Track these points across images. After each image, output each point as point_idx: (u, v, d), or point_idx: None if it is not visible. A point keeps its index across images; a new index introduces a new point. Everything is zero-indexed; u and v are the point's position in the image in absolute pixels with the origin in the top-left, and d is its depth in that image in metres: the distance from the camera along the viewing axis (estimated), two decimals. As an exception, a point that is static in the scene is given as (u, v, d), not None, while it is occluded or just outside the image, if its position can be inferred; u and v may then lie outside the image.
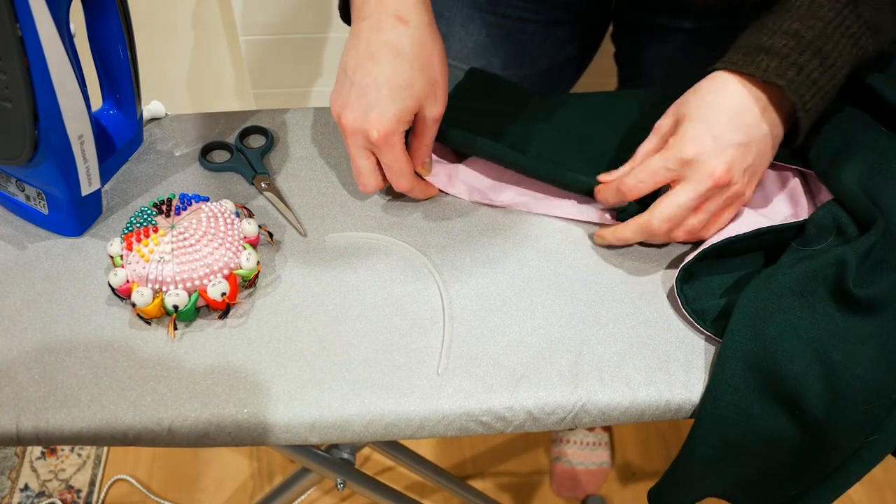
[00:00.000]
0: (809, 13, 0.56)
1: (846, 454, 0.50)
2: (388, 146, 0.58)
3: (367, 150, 0.60)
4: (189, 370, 0.54)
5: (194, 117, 0.75)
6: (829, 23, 0.55)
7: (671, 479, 0.57)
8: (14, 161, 0.56)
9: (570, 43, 0.89)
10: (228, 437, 0.52)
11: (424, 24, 0.59)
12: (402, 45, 0.57)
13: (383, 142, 0.58)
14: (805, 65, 0.55)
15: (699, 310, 0.56)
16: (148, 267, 0.55)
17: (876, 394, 0.49)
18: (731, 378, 0.52)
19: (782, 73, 0.55)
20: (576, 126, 0.71)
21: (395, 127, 0.58)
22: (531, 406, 0.53)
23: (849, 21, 0.55)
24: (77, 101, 0.55)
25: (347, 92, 0.59)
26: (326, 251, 0.62)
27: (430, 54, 0.59)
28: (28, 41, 0.50)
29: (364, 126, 0.58)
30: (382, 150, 0.59)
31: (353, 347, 0.55)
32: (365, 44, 0.58)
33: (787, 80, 0.55)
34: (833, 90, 0.57)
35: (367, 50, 0.58)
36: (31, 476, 1.34)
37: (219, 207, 0.60)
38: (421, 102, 0.59)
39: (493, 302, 0.58)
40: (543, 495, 1.35)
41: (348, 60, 0.59)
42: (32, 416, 0.51)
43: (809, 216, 0.60)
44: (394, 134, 0.58)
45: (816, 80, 0.55)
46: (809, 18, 0.56)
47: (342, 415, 0.52)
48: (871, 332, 0.51)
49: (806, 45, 0.55)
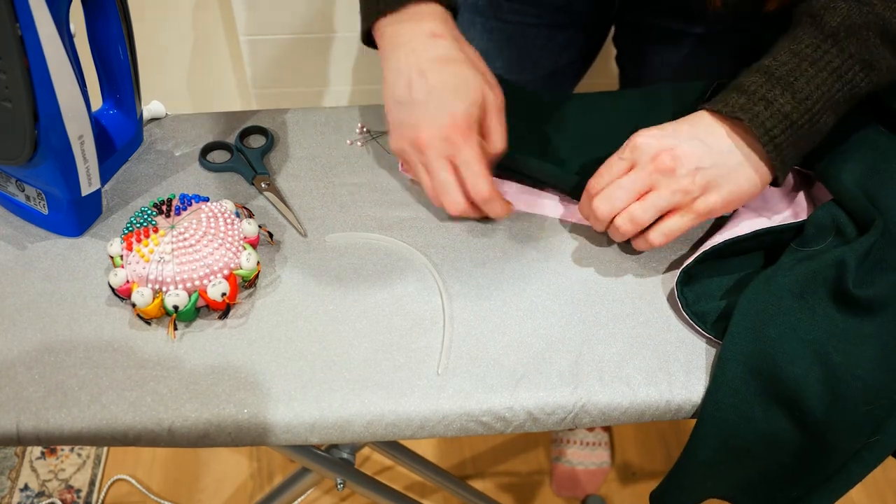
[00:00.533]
0: (785, 49, 0.57)
1: (847, 455, 0.50)
2: (467, 143, 0.58)
3: (446, 160, 0.59)
4: (189, 370, 0.53)
5: (194, 117, 0.75)
6: (805, 58, 0.56)
7: (673, 481, 0.57)
8: (14, 161, 0.56)
9: (571, 46, 0.88)
10: (228, 437, 0.52)
11: (458, 37, 0.61)
12: (446, 54, 0.59)
13: (464, 137, 0.58)
14: (774, 100, 0.55)
15: (699, 312, 0.56)
16: (148, 267, 0.55)
17: (876, 395, 0.49)
18: (731, 380, 0.52)
19: (749, 108, 0.56)
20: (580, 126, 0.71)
21: (469, 121, 0.58)
22: (531, 406, 0.53)
23: (829, 56, 0.55)
24: (77, 101, 0.55)
25: (409, 114, 0.59)
26: (326, 251, 0.62)
27: (474, 56, 0.61)
28: (28, 41, 0.50)
29: (442, 130, 0.57)
30: (462, 149, 0.58)
31: (354, 347, 0.55)
32: (414, 65, 0.59)
33: (752, 115, 0.55)
34: (814, 125, 0.56)
35: (416, 70, 0.58)
36: (31, 476, 1.34)
37: (219, 207, 0.60)
38: (482, 93, 0.59)
39: (493, 302, 0.58)
40: (543, 495, 1.34)
41: (398, 89, 0.59)
42: (32, 416, 0.51)
43: (808, 216, 0.60)
44: (469, 127, 0.58)
45: (788, 115, 0.55)
46: (784, 54, 0.57)
47: (342, 415, 0.52)
48: (870, 333, 0.51)
49: (776, 80, 0.56)
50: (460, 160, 0.58)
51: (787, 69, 0.56)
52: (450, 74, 0.58)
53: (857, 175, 0.60)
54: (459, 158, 0.58)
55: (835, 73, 0.55)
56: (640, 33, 0.88)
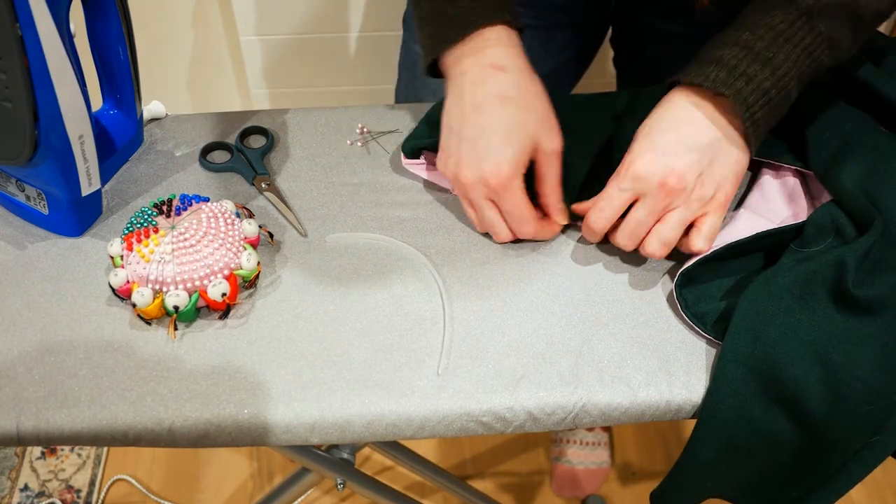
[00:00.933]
0: (762, 24, 0.57)
1: (847, 455, 0.50)
2: (508, 192, 0.58)
3: (489, 201, 0.59)
4: (189, 370, 0.53)
5: (194, 117, 0.75)
6: (780, 33, 0.56)
7: (673, 481, 0.57)
8: (14, 161, 0.56)
9: (569, 47, 0.88)
10: (229, 437, 0.52)
11: (522, 69, 0.60)
12: (505, 92, 0.58)
13: (503, 188, 0.57)
14: (755, 75, 0.55)
15: (699, 313, 0.56)
16: (148, 267, 0.55)
17: (876, 395, 0.49)
18: (731, 381, 0.52)
19: (730, 83, 0.55)
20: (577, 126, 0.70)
21: (513, 170, 0.57)
22: (531, 406, 0.53)
23: (802, 32, 0.56)
24: (77, 101, 0.55)
25: (457, 148, 0.58)
26: (327, 252, 0.62)
27: (535, 95, 0.59)
28: (28, 41, 0.50)
29: (483, 176, 0.57)
30: (503, 197, 0.58)
31: (354, 348, 0.55)
32: (469, 97, 0.58)
33: (735, 90, 0.55)
34: (783, 102, 0.57)
35: (471, 103, 0.58)
36: (31, 476, 1.34)
37: (219, 208, 0.60)
38: (535, 139, 0.58)
39: (493, 302, 0.58)
40: (543, 495, 1.35)
41: (453, 118, 0.59)
42: (32, 416, 0.51)
43: (808, 217, 0.60)
44: (512, 178, 0.57)
45: (767, 91, 0.56)
46: (761, 29, 0.56)
47: (342, 415, 0.52)
48: (871, 334, 0.51)
49: (755, 55, 0.56)
50: (503, 208, 0.59)
51: (765, 44, 0.56)
52: (503, 117, 0.57)
53: (857, 175, 0.60)
54: (502, 207, 0.59)
55: (806, 49, 0.56)
56: (638, 35, 0.88)
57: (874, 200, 0.58)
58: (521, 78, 0.59)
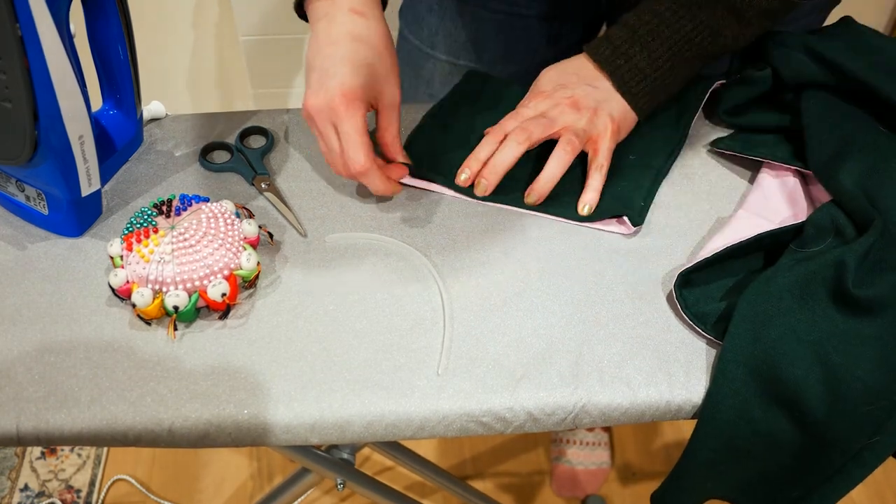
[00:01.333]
0: (648, 9, 0.65)
1: (847, 456, 0.50)
2: (348, 114, 0.58)
3: (332, 126, 0.60)
4: (189, 371, 0.53)
5: (194, 117, 0.75)
6: (663, 20, 0.64)
7: (673, 482, 0.57)
8: (14, 161, 0.56)
9: (560, 39, 0.88)
10: (228, 437, 0.52)
11: (379, 18, 0.62)
12: (360, 33, 0.60)
13: (344, 109, 0.58)
14: (633, 56, 0.65)
15: (699, 313, 0.56)
16: (148, 267, 0.55)
17: (877, 395, 0.49)
18: (731, 382, 0.52)
19: (612, 60, 0.66)
20: None
21: (356, 95, 0.58)
22: (531, 406, 0.52)
23: (683, 21, 0.64)
24: (77, 101, 0.55)
25: (309, 78, 0.60)
26: (327, 252, 0.62)
27: (386, 46, 0.62)
28: (28, 41, 0.50)
29: (327, 99, 0.58)
30: (342, 119, 0.59)
31: (354, 348, 0.55)
32: (325, 34, 0.60)
33: (614, 68, 0.66)
34: (665, 79, 0.66)
35: (327, 39, 0.60)
36: (31, 476, 1.34)
37: (219, 208, 0.60)
38: (381, 85, 0.60)
39: (493, 302, 0.58)
40: (543, 495, 1.35)
41: (310, 52, 0.61)
42: (32, 416, 0.51)
43: (808, 217, 0.60)
44: (355, 101, 0.58)
45: (643, 69, 0.65)
46: (646, 14, 0.65)
47: (342, 415, 0.52)
48: (871, 334, 0.51)
49: (637, 38, 0.65)
50: (341, 130, 0.59)
51: (648, 29, 0.65)
52: (354, 51, 0.59)
53: (857, 175, 0.60)
54: (340, 128, 0.59)
55: (685, 37, 0.64)
56: None
57: (874, 200, 0.58)
58: (378, 26, 0.61)
